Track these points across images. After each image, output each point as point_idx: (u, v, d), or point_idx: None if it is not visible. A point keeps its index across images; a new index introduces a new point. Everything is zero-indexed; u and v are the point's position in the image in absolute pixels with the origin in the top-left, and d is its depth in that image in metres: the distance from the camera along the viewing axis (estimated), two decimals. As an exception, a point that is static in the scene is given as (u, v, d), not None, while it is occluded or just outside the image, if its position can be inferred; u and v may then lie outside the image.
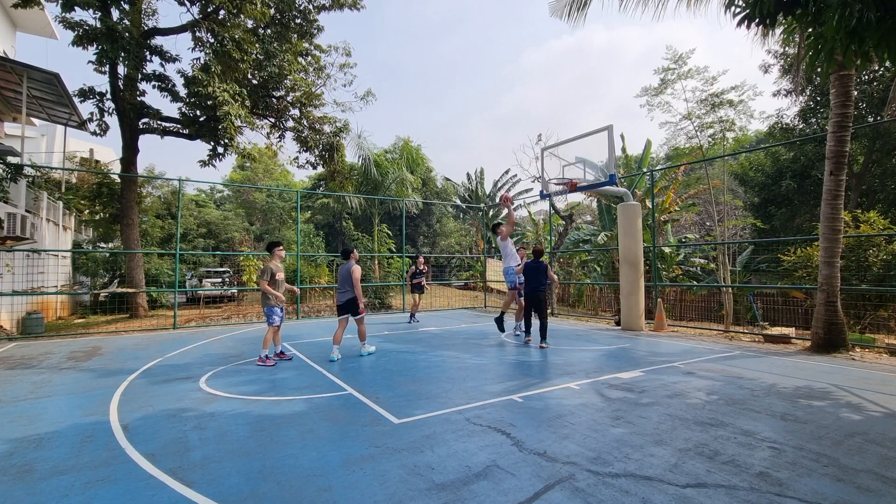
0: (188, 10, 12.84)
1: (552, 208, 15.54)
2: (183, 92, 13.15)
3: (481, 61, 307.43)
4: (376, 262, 20.06)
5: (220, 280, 21.11)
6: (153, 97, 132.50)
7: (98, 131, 12.87)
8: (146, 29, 12.87)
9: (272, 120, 16.04)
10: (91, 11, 11.06)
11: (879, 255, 9.82)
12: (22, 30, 18.60)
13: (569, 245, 17.11)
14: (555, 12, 10.19)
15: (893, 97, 11.96)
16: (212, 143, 13.20)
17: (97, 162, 21.92)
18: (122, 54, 11.32)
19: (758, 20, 3.63)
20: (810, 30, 3.72)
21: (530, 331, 7.89)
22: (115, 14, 11.96)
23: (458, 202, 31.52)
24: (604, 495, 2.53)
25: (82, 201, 17.20)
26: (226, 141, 12.57)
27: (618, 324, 10.22)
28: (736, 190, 22.32)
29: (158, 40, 13.37)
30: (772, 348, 7.43)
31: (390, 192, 21.50)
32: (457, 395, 4.56)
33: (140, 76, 12.79)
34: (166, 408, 4.27)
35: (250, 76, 14.08)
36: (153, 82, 13.35)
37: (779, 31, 9.20)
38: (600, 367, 5.86)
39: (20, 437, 3.55)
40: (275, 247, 6.54)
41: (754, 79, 66.64)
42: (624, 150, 17.60)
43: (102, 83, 16.59)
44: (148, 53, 12.87)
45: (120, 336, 9.42)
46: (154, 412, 4.15)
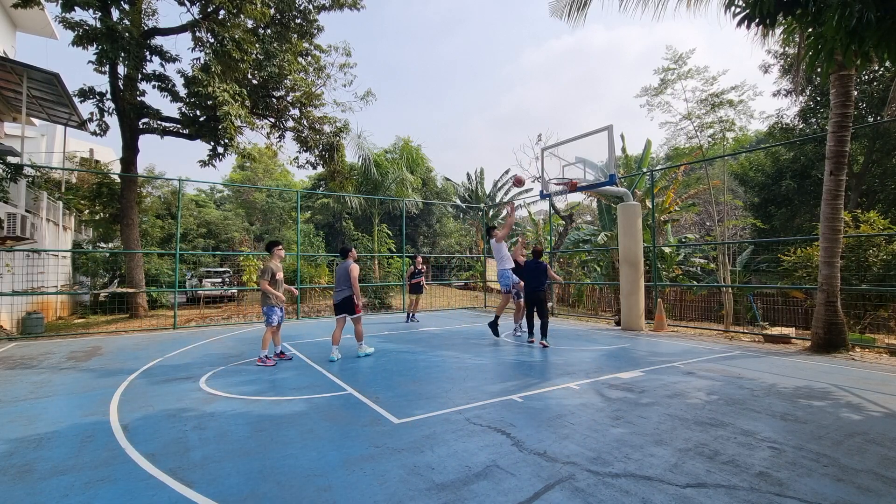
0: (188, 10, 12.87)
1: (552, 208, 15.56)
2: (183, 92, 13.16)
3: (481, 61, 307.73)
4: (376, 262, 20.06)
5: (220, 280, 21.10)
6: (153, 97, 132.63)
7: (98, 131, 12.88)
8: (146, 29, 12.88)
9: (272, 120, 16.04)
10: (91, 11, 11.07)
11: (879, 255, 9.82)
12: (22, 30, 18.60)
13: (569, 245, 17.11)
14: (555, 12, 10.19)
15: (893, 97, 11.96)
16: (212, 143, 13.20)
17: (97, 162, 21.91)
18: (122, 54, 11.33)
19: (758, 20, 3.64)
20: (810, 30, 3.72)
21: (532, 331, 7.90)
22: (115, 14, 11.97)
23: (458, 202, 31.53)
24: (604, 495, 2.53)
25: (82, 201, 17.19)
26: (226, 141, 12.57)
27: (618, 324, 10.22)
28: (736, 190, 22.31)
29: (158, 40, 13.39)
30: (772, 348, 7.43)
31: (390, 192, 21.50)
32: (457, 395, 4.56)
33: (140, 76, 12.80)
34: (166, 408, 4.27)
35: (250, 76, 14.08)
36: (153, 82, 13.36)
37: (779, 31, 9.20)
38: (600, 367, 5.86)
39: (20, 437, 3.55)
40: (274, 246, 6.54)
41: (754, 79, 66.72)
42: (624, 150, 17.59)
43: (102, 83, 16.61)
44: (148, 53, 12.88)
45: (120, 336, 9.42)
46: (154, 412, 4.15)
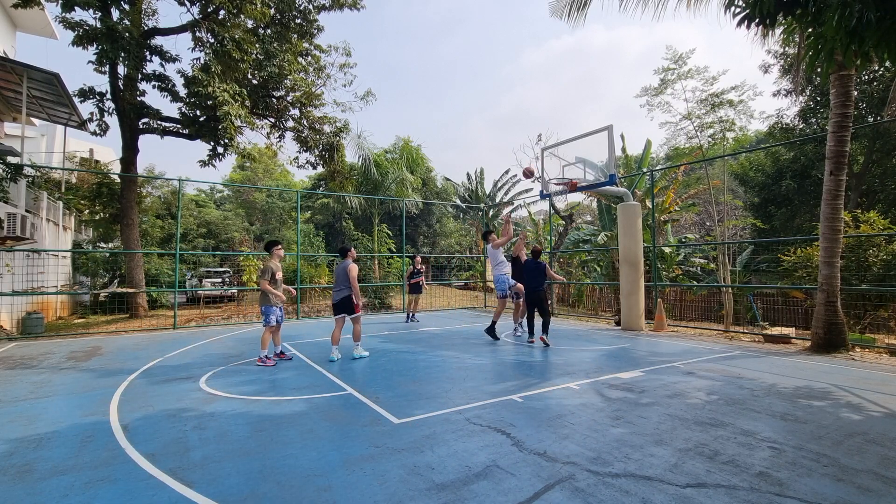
0: (188, 10, 12.86)
1: (552, 208, 15.54)
2: (183, 92, 13.16)
3: (481, 61, 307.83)
4: (376, 262, 20.06)
5: (220, 280, 21.10)
6: (153, 97, 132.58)
7: (98, 131, 12.87)
8: (146, 29, 12.87)
9: (272, 120, 16.03)
10: (91, 11, 11.06)
11: (879, 255, 9.82)
12: (22, 30, 18.60)
13: (569, 245, 17.10)
14: (555, 12, 10.19)
15: (893, 97, 11.95)
16: (212, 143, 13.20)
17: (97, 162, 21.91)
18: (122, 54, 11.32)
19: (758, 20, 3.63)
20: (810, 30, 3.72)
21: (533, 332, 7.90)
22: (115, 14, 11.96)
23: (458, 202, 31.53)
24: (604, 495, 2.53)
25: (82, 201, 17.19)
26: (226, 141, 12.57)
27: (618, 324, 10.22)
28: (736, 190, 22.31)
29: (158, 40, 13.38)
30: (772, 348, 7.43)
31: (390, 192, 21.50)
32: (457, 395, 4.56)
33: (140, 76, 12.79)
34: (166, 408, 4.27)
35: (250, 76, 14.08)
36: (153, 82, 13.36)
37: (779, 31, 9.20)
38: (600, 367, 5.86)
39: (20, 437, 3.55)
40: (273, 246, 6.53)
41: (754, 79, 66.74)
42: (624, 150, 17.59)
43: (102, 83, 16.59)
44: (148, 53, 12.87)
45: (120, 336, 9.42)
46: (154, 412, 4.15)
